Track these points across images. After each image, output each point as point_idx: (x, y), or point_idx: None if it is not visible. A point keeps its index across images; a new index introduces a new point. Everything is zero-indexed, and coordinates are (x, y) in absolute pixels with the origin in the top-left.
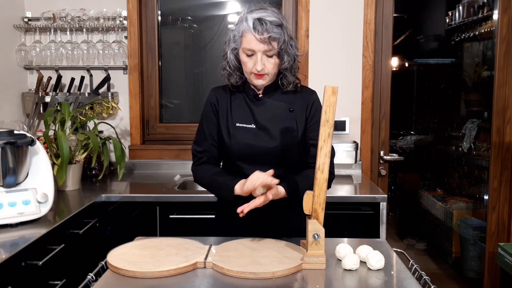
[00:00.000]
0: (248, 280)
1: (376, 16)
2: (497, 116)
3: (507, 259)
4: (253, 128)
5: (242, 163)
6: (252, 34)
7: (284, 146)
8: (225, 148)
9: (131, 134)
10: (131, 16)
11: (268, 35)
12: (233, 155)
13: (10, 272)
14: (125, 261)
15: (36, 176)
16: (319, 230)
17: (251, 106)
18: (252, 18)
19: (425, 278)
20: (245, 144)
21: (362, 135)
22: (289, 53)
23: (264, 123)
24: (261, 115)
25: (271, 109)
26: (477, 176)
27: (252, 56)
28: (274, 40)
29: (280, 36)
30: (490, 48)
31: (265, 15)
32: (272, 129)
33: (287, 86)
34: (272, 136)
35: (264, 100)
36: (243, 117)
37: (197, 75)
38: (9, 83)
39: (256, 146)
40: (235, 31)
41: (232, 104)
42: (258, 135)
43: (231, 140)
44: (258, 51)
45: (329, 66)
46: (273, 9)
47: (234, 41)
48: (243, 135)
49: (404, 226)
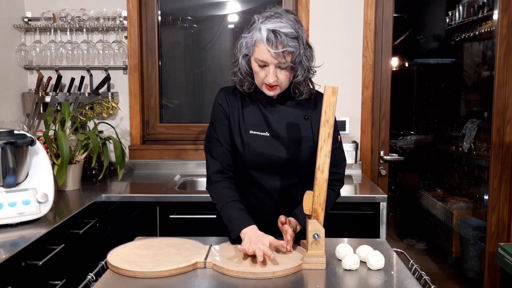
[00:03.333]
0: (248, 280)
1: (376, 16)
2: (497, 116)
3: (507, 259)
4: (267, 136)
5: (255, 171)
6: (265, 46)
7: (300, 155)
8: (238, 156)
9: (131, 134)
10: (131, 16)
11: (283, 50)
12: (247, 164)
13: (10, 272)
14: (125, 261)
15: (36, 176)
16: (319, 230)
17: (264, 113)
18: (266, 29)
19: (425, 278)
20: (259, 153)
21: (362, 135)
22: (303, 65)
23: (278, 131)
24: (275, 122)
25: (285, 116)
26: (477, 176)
27: (264, 67)
28: (288, 54)
29: (296, 49)
30: (490, 48)
31: (281, 26)
32: (287, 138)
33: (299, 95)
34: (286, 145)
35: (279, 107)
36: (257, 124)
37: (197, 75)
38: (9, 83)
39: (270, 156)
40: (248, 38)
41: (244, 110)
42: (273, 144)
43: (245, 149)
44: (270, 63)
45: (329, 66)
46: (289, 17)
47: (247, 48)
48: (257, 143)
49: (404, 226)
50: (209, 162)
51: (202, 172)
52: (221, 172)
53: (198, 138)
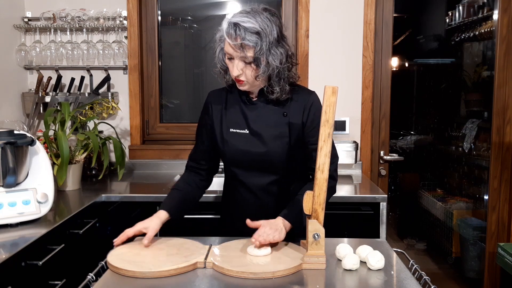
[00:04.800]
0: (248, 280)
1: (376, 16)
2: (497, 116)
3: (507, 259)
4: (246, 133)
5: (236, 168)
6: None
7: (277, 152)
8: (220, 154)
9: (131, 134)
10: (131, 16)
11: (241, 42)
12: (227, 161)
13: (10, 272)
14: (125, 261)
15: (36, 176)
16: (319, 230)
17: (244, 111)
18: (228, 22)
19: (425, 278)
20: (237, 150)
21: (362, 135)
22: (268, 62)
23: (256, 128)
24: (254, 120)
25: (264, 114)
26: (477, 176)
27: (232, 60)
28: (248, 48)
29: (256, 44)
30: (490, 48)
31: (244, 20)
32: (265, 134)
33: (271, 94)
34: (264, 142)
35: (258, 104)
36: (237, 122)
37: (197, 75)
38: (9, 83)
39: (248, 152)
40: (220, 31)
41: (227, 109)
42: (251, 141)
43: (224, 146)
44: (235, 57)
45: (329, 66)
46: (262, 15)
47: (221, 41)
48: (236, 140)
49: (404, 226)
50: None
51: None
52: (190, 165)
53: None
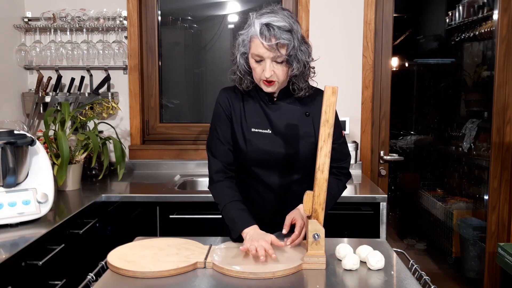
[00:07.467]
0: (248, 280)
1: (376, 16)
2: (497, 116)
3: (507, 259)
4: (269, 133)
5: (258, 169)
6: (259, 40)
7: (302, 151)
8: (241, 154)
9: (131, 134)
10: (131, 16)
11: (276, 42)
12: (249, 161)
13: (10, 272)
14: (125, 261)
15: (36, 176)
16: (319, 230)
17: (266, 111)
18: (259, 23)
19: (425, 278)
20: (261, 150)
21: (362, 135)
22: (299, 59)
23: (280, 128)
24: (277, 119)
25: (287, 114)
26: (477, 176)
27: (261, 62)
28: (282, 47)
29: (289, 42)
30: (490, 48)
31: (274, 20)
32: (289, 135)
33: (298, 92)
34: (289, 142)
35: (280, 104)
36: (259, 122)
37: (197, 75)
38: (9, 83)
39: (272, 152)
40: (244, 35)
41: (246, 108)
42: (275, 141)
43: (247, 146)
44: (266, 57)
45: (329, 66)
46: (284, 13)
47: (244, 46)
48: (260, 141)
49: (404, 226)
50: (211, 161)
51: (202, 172)
52: (222, 172)
53: (198, 138)
